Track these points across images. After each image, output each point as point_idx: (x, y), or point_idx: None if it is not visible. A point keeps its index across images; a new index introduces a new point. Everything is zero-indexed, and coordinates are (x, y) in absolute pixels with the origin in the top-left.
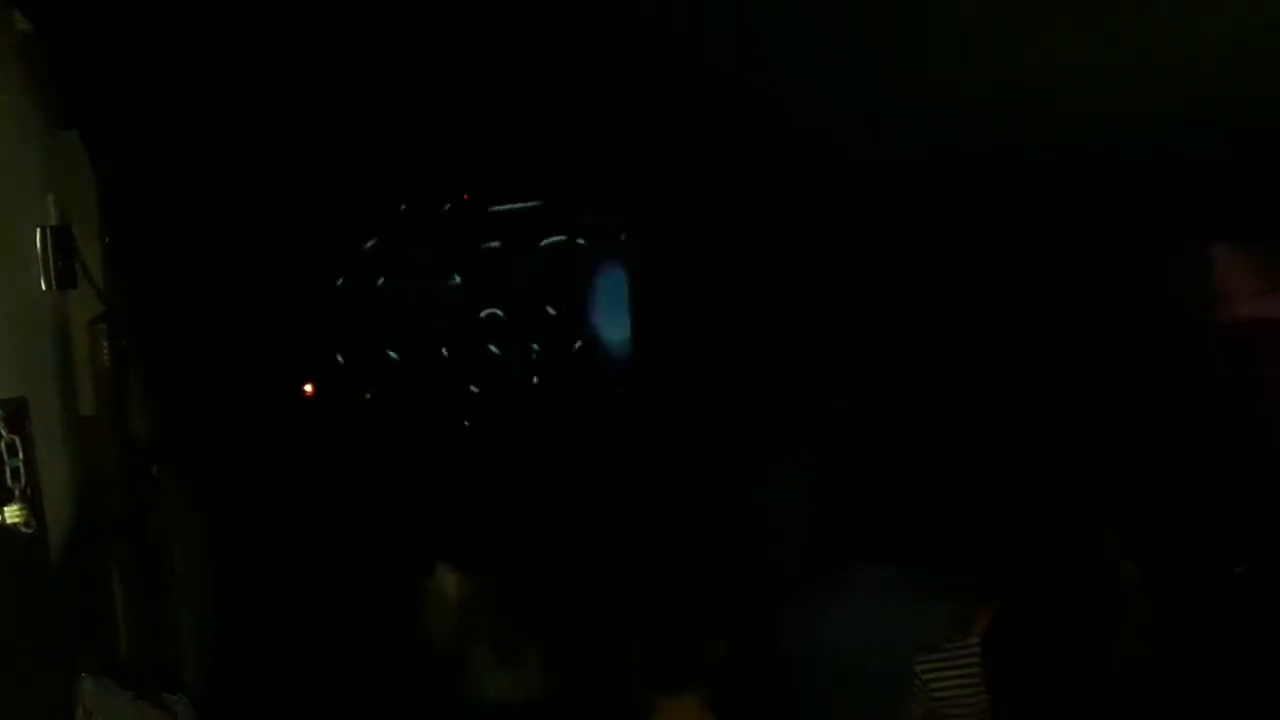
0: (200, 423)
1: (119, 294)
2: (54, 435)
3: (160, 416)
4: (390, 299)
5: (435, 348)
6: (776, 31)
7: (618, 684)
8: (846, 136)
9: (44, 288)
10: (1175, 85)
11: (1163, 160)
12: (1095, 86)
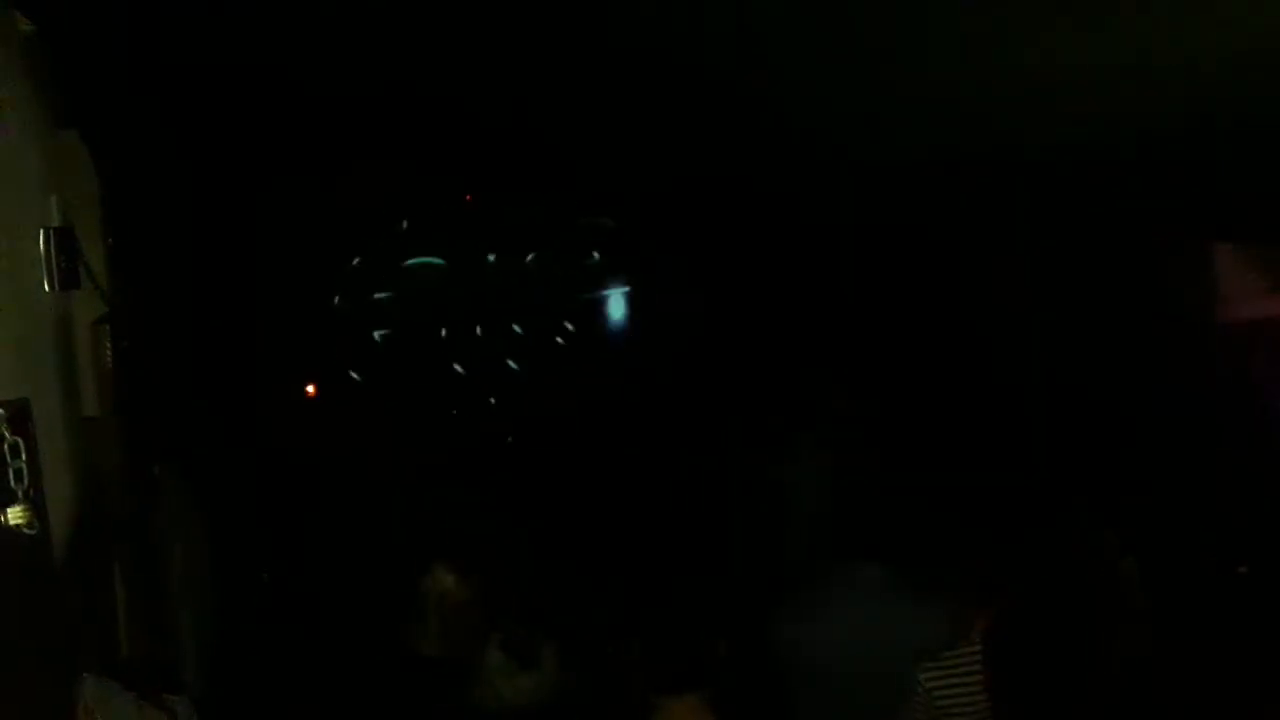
0: (200, 423)
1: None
2: (57, 436)
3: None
4: (390, 299)
5: (436, 348)
6: (776, 31)
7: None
8: (846, 136)
9: (47, 289)
10: (1175, 85)
11: (1163, 160)
12: (1095, 86)
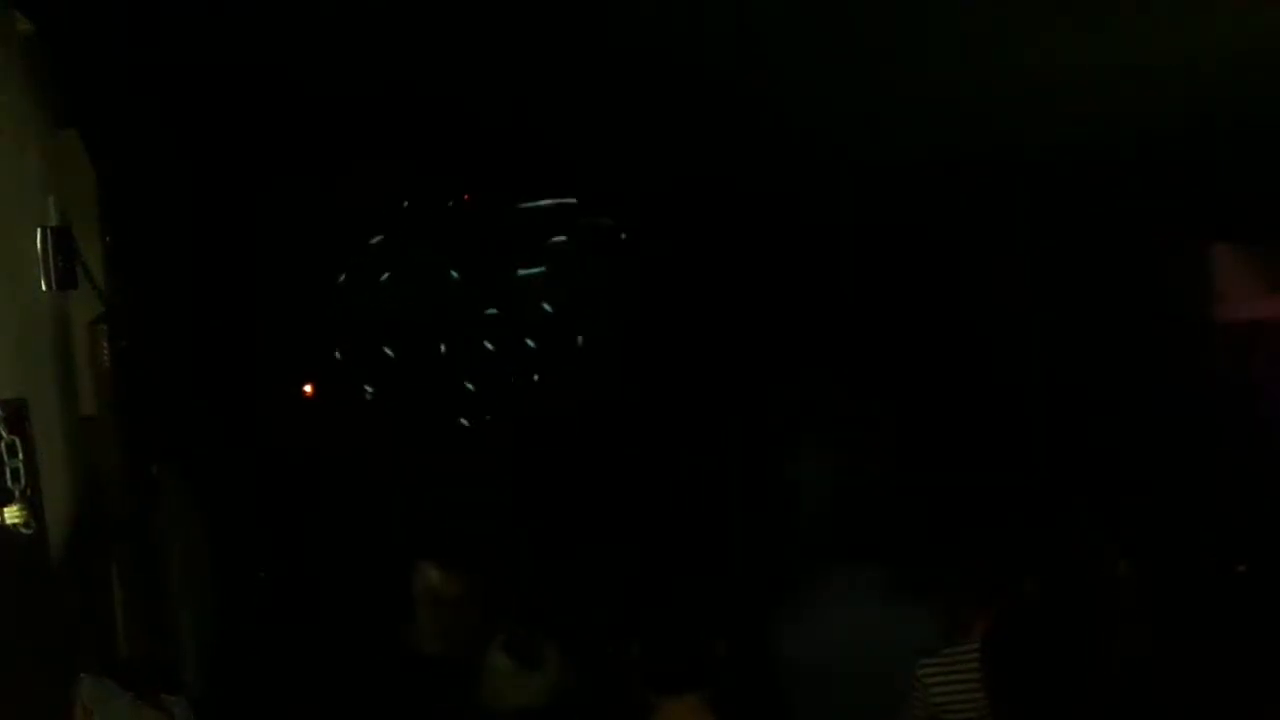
0: (200, 423)
1: (119, 294)
2: (54, 436)
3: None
4: (390, 299)
5: (435, 348)
6: (776, 31)
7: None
8: (846, 136)
9: (44, 288)
10: (1175, 85)
11: (1163, 160)
12: (1095, 86)
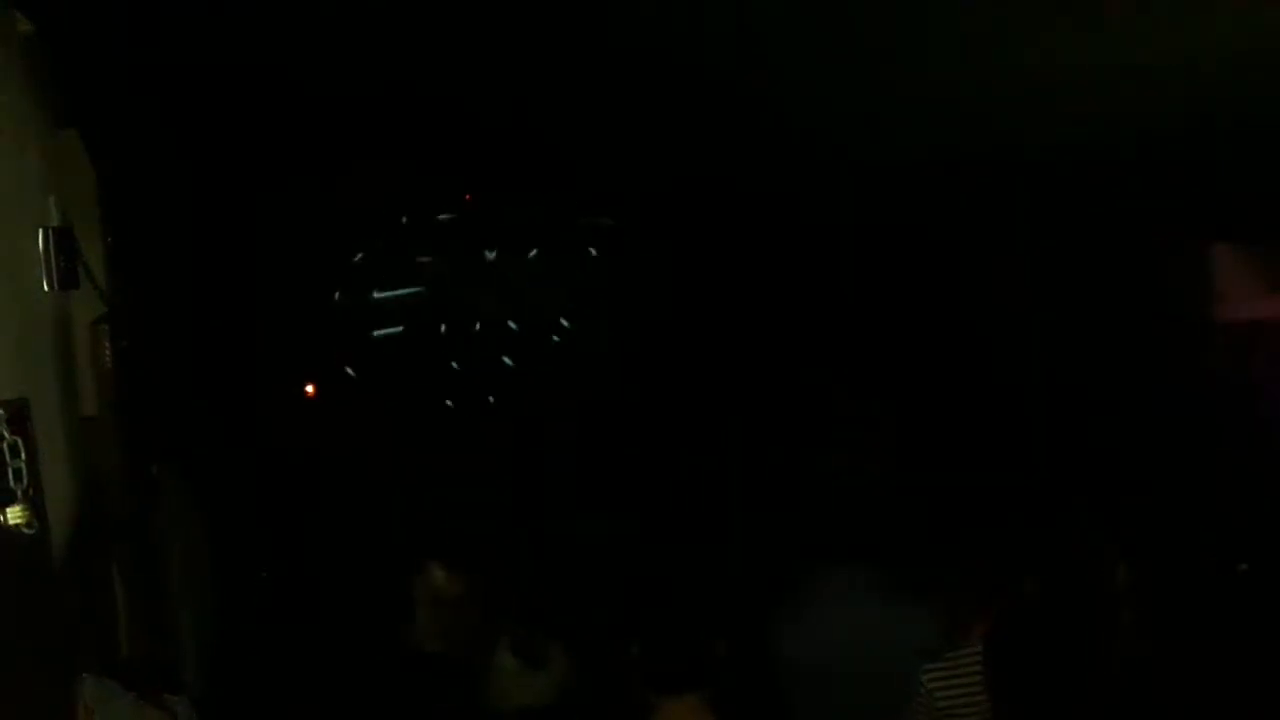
0: (200, 423)
1: (121, 294)
2: (56, 436)
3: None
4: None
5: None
6: (776, 31)
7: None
8: (846, 136)
9: (46, 288)
10: (1175, 85)
11: (1163, 160)
12: (1095, 86)
